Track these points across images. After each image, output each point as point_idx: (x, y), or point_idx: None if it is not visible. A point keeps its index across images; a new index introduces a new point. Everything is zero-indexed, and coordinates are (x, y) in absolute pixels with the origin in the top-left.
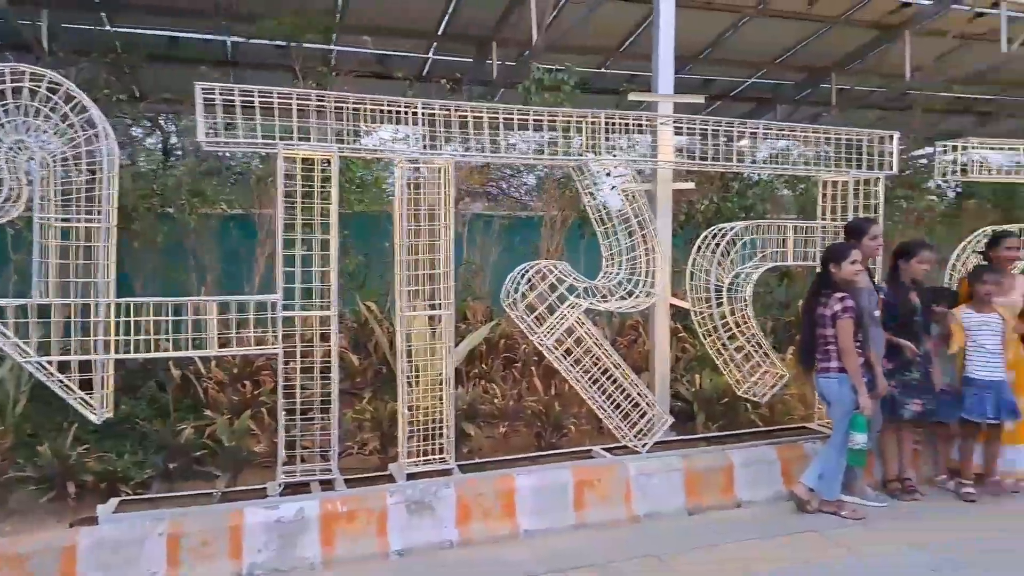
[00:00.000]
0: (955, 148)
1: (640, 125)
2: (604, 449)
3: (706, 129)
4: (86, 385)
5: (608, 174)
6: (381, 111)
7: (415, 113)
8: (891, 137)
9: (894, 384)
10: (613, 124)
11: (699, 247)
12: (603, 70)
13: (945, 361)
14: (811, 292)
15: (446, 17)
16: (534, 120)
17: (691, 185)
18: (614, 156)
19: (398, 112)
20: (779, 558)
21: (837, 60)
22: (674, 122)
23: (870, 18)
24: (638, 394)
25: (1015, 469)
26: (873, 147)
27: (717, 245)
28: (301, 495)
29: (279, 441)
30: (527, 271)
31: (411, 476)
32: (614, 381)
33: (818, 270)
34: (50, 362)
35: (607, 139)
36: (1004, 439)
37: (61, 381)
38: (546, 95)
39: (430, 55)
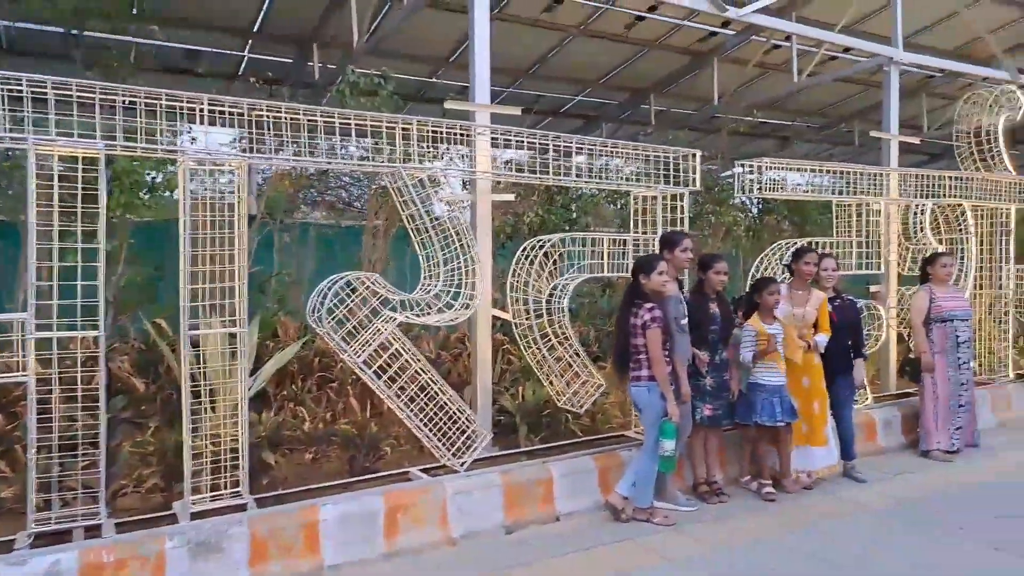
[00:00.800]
0: (752, 168)
1: (455, 134)
2: (422, 470)
3: (522, 141)
4: None
5: (434, 183)
6: (160, 106)
7: (201, 110)
8: (694, 155)
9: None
10: (430, 132)
11: (519, 259)
12: (434, 80)
13: (742, 368)
14: (624, 302)
15: (261, 14)
16: (341, 124)
17: (510, 197)
18: (429, 165)
19: (181, 109)
20: (595, 570)
21: (655, 82)
22: (491, 133)
23: (682, 44)
24: (457, 410)
25: (809, 468)
26: (680, 164)
27: (536, 257)
28: (59, 545)
29: (29, 483)
30: (335, 284)
31: (199, 515)
32: (431, 398)
33: (630, 281)
34: None
35: (434, 148)
36: (799, 440)
37: None
38: (363, 100)
39: (245, 53)
